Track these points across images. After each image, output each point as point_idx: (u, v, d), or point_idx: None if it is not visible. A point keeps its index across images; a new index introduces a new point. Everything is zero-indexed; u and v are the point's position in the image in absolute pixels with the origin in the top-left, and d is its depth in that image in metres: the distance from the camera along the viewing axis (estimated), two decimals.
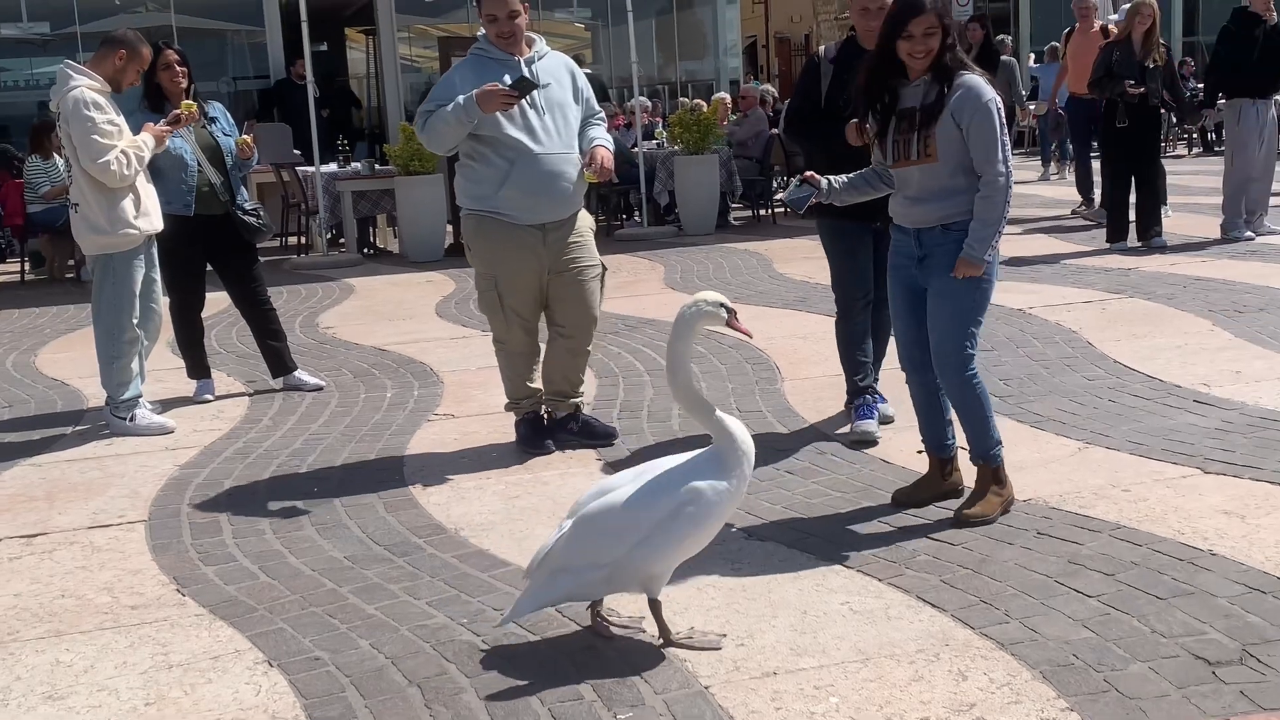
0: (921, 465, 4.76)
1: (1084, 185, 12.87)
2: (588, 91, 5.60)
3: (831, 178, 4.57)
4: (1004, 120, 4.29)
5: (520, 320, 5.54)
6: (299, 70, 15.60)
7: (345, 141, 14.52)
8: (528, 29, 5.47)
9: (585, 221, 5.62)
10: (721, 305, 3.56)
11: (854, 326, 5.58)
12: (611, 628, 3.60)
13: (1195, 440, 5.16)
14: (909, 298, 4.51)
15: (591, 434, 5.70)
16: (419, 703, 3.30)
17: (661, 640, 3.51)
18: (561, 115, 5.40)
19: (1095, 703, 3.10)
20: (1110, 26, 12.08)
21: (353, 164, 13.54)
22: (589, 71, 17.81)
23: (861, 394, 5.57)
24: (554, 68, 5.48)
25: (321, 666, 3.54)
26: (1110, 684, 3.19)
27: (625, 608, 3.71)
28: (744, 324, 3.66)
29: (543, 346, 5.72)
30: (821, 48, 5.63)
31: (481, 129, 5.27)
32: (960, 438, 4.61)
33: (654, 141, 14.94)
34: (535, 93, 5.27)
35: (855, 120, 4.95)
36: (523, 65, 5.35)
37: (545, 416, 5.73)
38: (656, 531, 3.38)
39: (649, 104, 17.30)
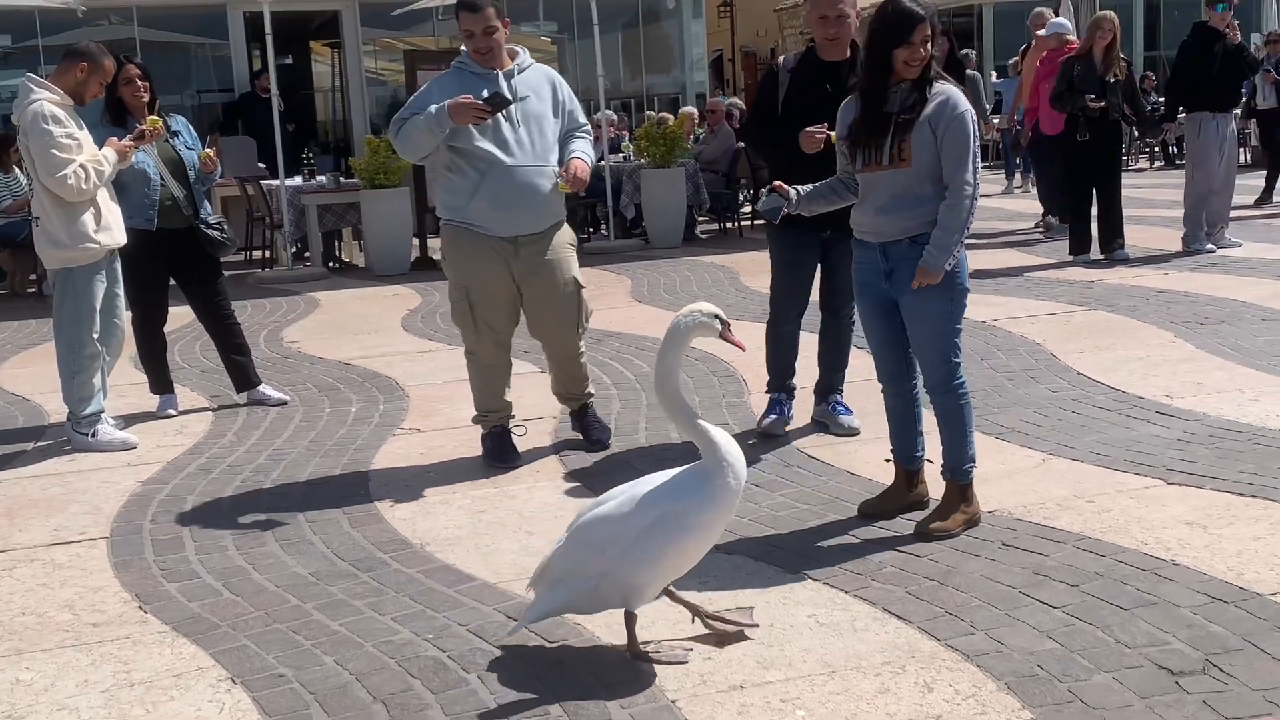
0: (888, 477, 4.77)
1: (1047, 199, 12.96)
2: (571, 104, 5.59)
3: (800, 188, 4.59)
4: (977, 133, 4.32)
5: (491, 332, 5.54)
6: (263, 84, 15.53)
7: (310, 155, 14.46)
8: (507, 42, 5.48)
9: (564, 236, 5.64)
10: (715, 316, 3.56)
11: (782, 332, 5.84)
12: (725, 626, 3.63)
13: (1158, 451, 5.20)
14: (880, 313, 4.50)
15: (585, 434, 5.81)
16: None
17: (630, 654, 3.51)
18: (537, 128, 5.41)
19: (1060, 713, 3.12)
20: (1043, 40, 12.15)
21: (318, 177, 13.48)
22: None
23: (779, 392, 5.87)
24: (534, 80, 5.49)
25: (285, 684, 3.51)
26: (1075, 694, 3.20)
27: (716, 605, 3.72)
28: (736, 336, 3.64)
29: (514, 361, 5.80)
30: (781, 58, 5.70)
31: (456, 140, 5.29)
32: (929, 450, 4.63)
33: (621, 155, 14.96)
34: (511, 106, 5.28)
35: (809, 129, 5.03)
36: (501, 79, 5.36)
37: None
38: (636, 544, 3.38)
39: (615, 117, 17.33)
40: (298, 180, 13.33)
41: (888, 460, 4.74)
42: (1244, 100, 15.42)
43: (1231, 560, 4.01)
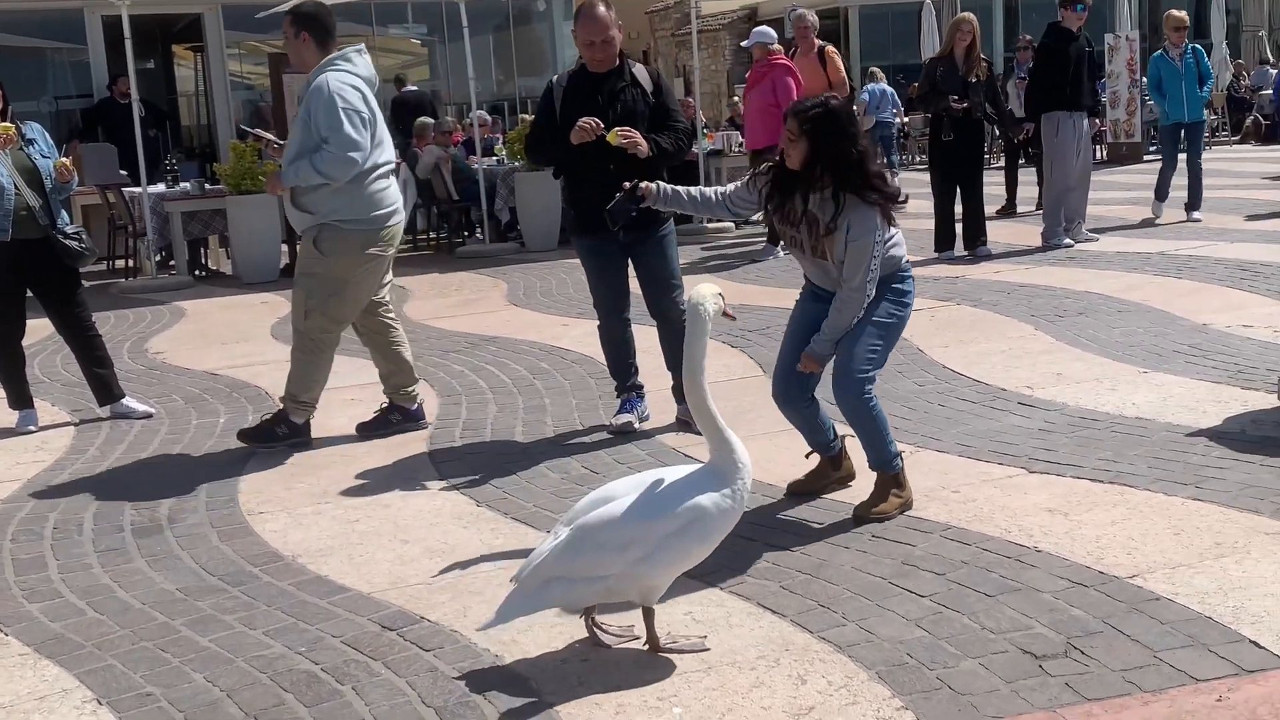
0: (768, 474, 4.82)
1: None
2: (310, 118, 5.77)
3: (667, 185, 4.72)
4: (879, 247, 4.41)
5: None
6: (121, 89, 15.14)
7: (174, 160, 14.12)
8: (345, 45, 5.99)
9: (319, 240, 5.84)
10: (719, 294, 3.67)
11: (611, 336, 6.04)
12: (607, 637, 3.60)
13: (1020, 441, 5.34)
14: (803, 328, 4.64)
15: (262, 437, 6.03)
16: None
17: (649, 648, 3.53)
18: (292, 140, 5.85)
19: (929, 700, 3.19)
20: (774, 47, 11.91)
21: (182, 184, 13.16)
22: (413, 88, 17.65)
23: (626, 391, 6.03)
24: (308, 93, 5.82)
25: (153, 702, 3.44)
26: (943, 681, 3.28)
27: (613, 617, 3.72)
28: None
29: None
30: (555, 76, 6.03)
31: None
32: (843, 427, 4.73)
33: (494, 158, 14.90)
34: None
35: (581, 121, 5.43)
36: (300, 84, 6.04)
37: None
38: (660, 547, 3.40)
39: (488, 118, 17.24)
40: (161, 187, 13.01)
41: (808, 455, 4.83)
42: (1100, 99, 15.89)
43: (1091, 545, 4.14)
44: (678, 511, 3.43)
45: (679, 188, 4.75)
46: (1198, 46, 13.09)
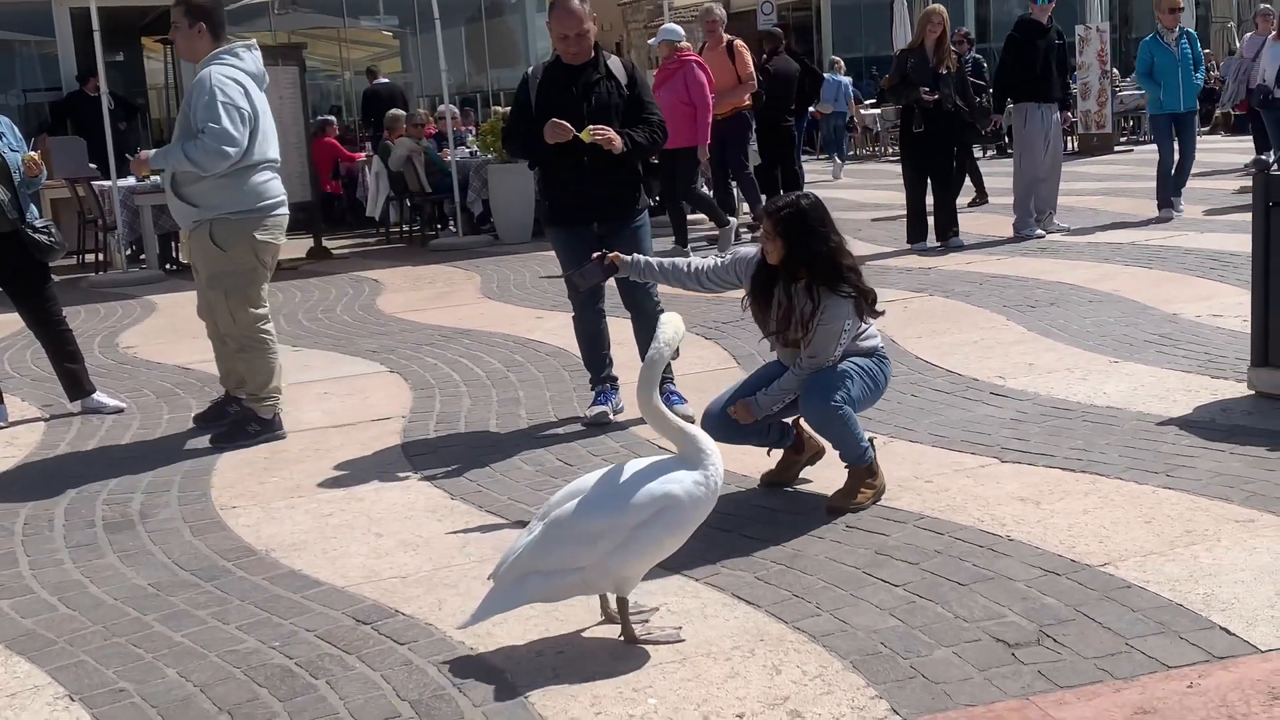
0: (742, 465, 4.83)
1: (749, 196, 12.56)
2: (196, 114, 5.80)
3: (639, 256, 4.80)
4: (847, 334, 4.52)
5: None
6: (94, 85, 15.04)
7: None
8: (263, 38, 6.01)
9: (200, 238, 5.91)
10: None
11: (586, 327, 6.05)
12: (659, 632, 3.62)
13: (992, 431, 5.37)
14: (765, 377, 4.71)
15: (211, 416, 6.26)
16: None
17: (624, 639, 3.53)
18: (174, 136, 5.96)
19: (903, 689, 3.21)
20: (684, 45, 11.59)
21: (152, 177, 13.04)
22: (385, 81, 17.56)
23: (600, 383, 6.02)
24: (191, 85, 5.91)
25: (126, 698, 3.42)
26: (917, 670, 3.30)
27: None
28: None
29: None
30: (530, 68, 6.03)
31: None
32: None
33: (466, 150, 14.85)
34: None
35: (553, 123, 5.45)
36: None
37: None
38: (632, 538, 3.40)
39: (457, 112, 17.19)
40: (131, 180, 12.91)
41: (770, 453, 4.86)
42: (1071, 91, 15.97)
43: (1063, 534, 4.16)
44: (648, 501, 3.44)
45: (651, 259, 4.85)
46: (1191, 32, 12.19)
